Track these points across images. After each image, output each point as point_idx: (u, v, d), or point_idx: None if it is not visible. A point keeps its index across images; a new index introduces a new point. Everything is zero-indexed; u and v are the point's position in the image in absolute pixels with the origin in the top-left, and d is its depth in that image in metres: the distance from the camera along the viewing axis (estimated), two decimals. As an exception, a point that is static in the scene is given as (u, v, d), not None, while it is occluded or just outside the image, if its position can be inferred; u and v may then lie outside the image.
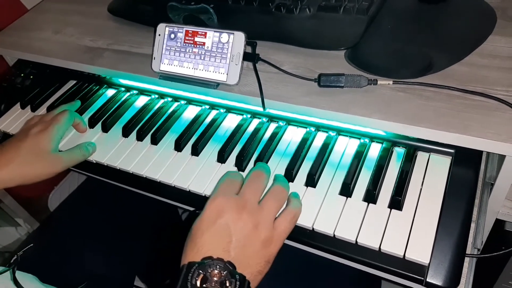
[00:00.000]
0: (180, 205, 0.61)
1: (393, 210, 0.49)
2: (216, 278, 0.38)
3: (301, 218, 0.50)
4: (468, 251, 0.47)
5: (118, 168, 0.63)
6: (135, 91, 0.75)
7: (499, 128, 0.48)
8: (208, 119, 0.67)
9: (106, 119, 0.69)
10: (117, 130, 0.68)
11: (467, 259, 0.47)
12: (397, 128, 0.52)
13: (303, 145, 0.58)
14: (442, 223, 0.47)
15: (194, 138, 0.63)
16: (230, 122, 0.65)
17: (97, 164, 0.65)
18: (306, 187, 0.54)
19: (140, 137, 0.66)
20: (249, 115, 0.65)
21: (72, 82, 0.81)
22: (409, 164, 0.53)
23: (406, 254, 0.45)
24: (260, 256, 0.43)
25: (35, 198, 1.28)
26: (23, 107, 0.78)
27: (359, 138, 0.59)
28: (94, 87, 0.78)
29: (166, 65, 0.64)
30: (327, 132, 0.60)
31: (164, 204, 0.63)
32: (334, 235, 0.49)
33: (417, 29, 0.62)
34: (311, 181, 0.54)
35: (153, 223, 0.91)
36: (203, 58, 0.61)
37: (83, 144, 0.65)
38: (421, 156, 0.55)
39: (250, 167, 0.58)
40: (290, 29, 0.66)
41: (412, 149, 0.55)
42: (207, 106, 0.69)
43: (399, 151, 0.56)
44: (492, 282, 0.78)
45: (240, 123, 0.64)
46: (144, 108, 0.70)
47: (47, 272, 0.70)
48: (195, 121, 0.66)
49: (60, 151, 0.64)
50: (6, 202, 1.17)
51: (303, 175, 0.55)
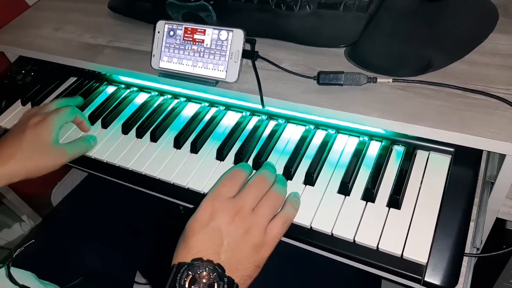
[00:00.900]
0: (179, 202, 0.61)
1: (392, 209, 0.49)
2: (205, 280, 0.38)
3: (300, 217, 0.50)
4: (467, 251, 0.47)
5: (118, 165, 0.63)
6: (135, 88, 0.75)
7: (499, 127, 0.47)
8: (207, 117, 0.66)
9: (106, 116, 0.69)
10: (117, 127, 0.68)
11: (466, 259, 0.47)
12: (397, 127, 0.51)
13: (302, 143, 0.58)
14: (441, 222, 0.47)
15: (193, 136, 0.63)
16: (229, 120, 0.65)
17: (97, 161, 0.65)
18: (305, 186, 0.54)
19: (140, 134, 0.66)
20: (248, 113, 0.65)
21: (73, 79, 0.81)
22: (408, 163, 0.53)
23: (404, 253, 0.45)
24: (251, 261, 0.43)
25: (38, 194, 1.28)
26: (24, 104, 0.78)
27: (358, 136, 0.58)
28: (94, 84, 0.78)
29: (166, 63, 0.64)
30: (326, 130, 0.60)
31: (166, 201, 0.63)
32: (332, 234, 0.49)
33: (418, 27, 0.62)
34: (310, 180, 0.54)
35: (155, 220, 0.92)
36: (202, 56, 0.61)
37: (85, 137, 0.66)
38: (421, 155, 0.54)
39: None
40: (290, 27, 0.65)
41: (412, 148, 0.55)
42: (207, 104, 0.69)
43: (399, 150, 0.56)
44: (493, 281, 0.78)
45: (239, 121, 0.64)
46: (144, 105, 0.70)
47: (49, 268, 0.71)
48: (195, 119, 0.66)
49: (63, 144, 0.64)
50: (9, 198, 1.18)
51: (302, 173, 0.55)
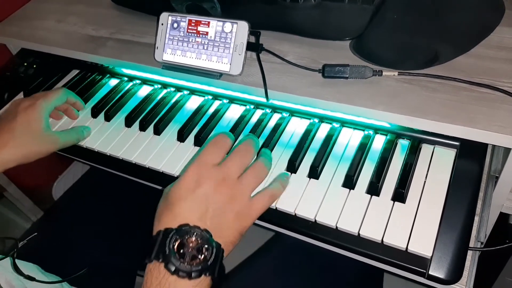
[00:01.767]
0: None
1: (396, 203, 0.49)
2: (193, 245, 0.39)
3: (304, 210, 0.50)
4: (471, 245, 0.47)
5: (121, 158, 0.63)
6: (138, 81, 0.75)
7: (505, 121, 0.47)
8: (211, 110, 0.66)
9: (109, 109, 0.69)
10: (120, 120, 0.68)
11: (470, 252, 0.47)
12: (402, 120, 0.51)
13: (307, 137, 0.58)
14: (446, 216, 0.47)
15: (197, 129, 0.63)
16: (233, 113, 0.65)
17: (100, 154, 0.65)
18: (309, 179, 0.54)
19: (143, 127, 0.65)
20: (252, 106, 0.65)
21: (75, 72, 0.81)
22: (413, 157, 0.53)
23: (409, 247, 0.45)
24: (234, 228, 0.44)
25: (39, 187, 1.28)
26: (27, 96, 0.77)
27: (363, 130, 0.58)
28: (97, 77, 0.77)
29: (169, 55, 0.63)
30: (331, 124, 0.60)
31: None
32: (337, 227, 0.49)
33: (423, 20, 0.61)
34: (314, 173, 0.54)
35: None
36: (206, 48, 0.61)
37: (79, 128, 0.66)
38: (426, 149, 0.54)
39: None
40: (295, 19, 0.65)
41: (417, 142, 0.55)
42: (210, 97, 0.68)
43: (404, 143, 0.56)
44: (496, 275, 0.78)
45: (243, 114, 0.64)
46: (147, 98, 0.70)
47: (51, 261, 0.71)
48: (198, 112, 0.65)
49: (56, 132, 0.64)
50: (10, 191, 1.18)
51: (306, 167, 0.55)
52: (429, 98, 0.52)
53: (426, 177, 0.51)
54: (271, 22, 0.65)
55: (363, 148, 0.55)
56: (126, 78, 0.76)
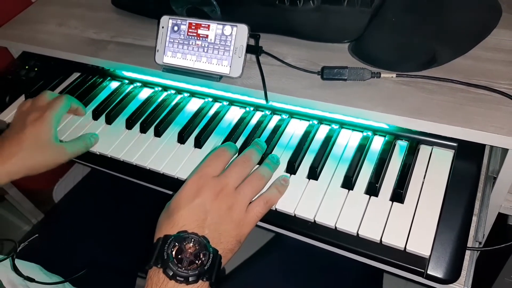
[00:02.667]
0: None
1: (395, 203, 0.50)
2: (191, 250, 0.41)
3: (303, 210, 0.51)
4: (470, 245, 0.47)
5: (122, 160, 0.63)
6: (139, 84, 0.75)
7: (502, 122, 0.48)
8: (211, 112, 0.67)
9: (110, 111, 0.70)
10: (121, 122, 0.68)
11: (468, 252, 0.47)
12: (400, 121, 0.52)
13: (306, 138, 0.59)
14: (444, 216, 0.47)
15: (197, 131, 0.63)
16: (233, 115, 0.66)
17: (101, 156, 0.65)
18: (308, 180, 0.54)
19: (144, 129, 0.66)
20: (252, 108, 0.65)
21: (76, 75, 0.81)
22: (412, 157, 0.53)
23: (407, 247, 0.45)
24: (232, 235, 0.45)
25: (40, 190, 1.29)
26: (28, 98, 0.78)
27: (362, 131, 0.59)
28: (98, 80, 0.78)
29: (170, 58, 0.64)
30: (330, 125, 0.60)
31: (168, 195, 0.63)
32: (336, 227, 0.49)
33: (421, 22, 0.62)
34: (313, 174, 0.54)
35: (157, 215, 0.92)
36: (206, 51, 0.62)
37: (87, 135, 0.66)
38: (424, 150, 0.55)
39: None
40: (294, 22, 0.65)
41: (415, 143, 0.55)
42: (210, 99, 0.69)
43: (402, 144, 0.56)
44: (495, 276, 0.79)
45: (243, 116, 0.64)
46: (148, 101, 0.70)
47: (52, 262, 0.71)
48: (198, 114, 0.66)
49: (63, 142, 0.64)
50: (12, 194, 1.18)
51: (306, 168, 0.55)
52: (427, 100, 0.52)
53: (424, 178, 0.51)
54: (271, 25, 0.66)
55: (362, 149, 0.56)
56: (127, 81, 0.77)
